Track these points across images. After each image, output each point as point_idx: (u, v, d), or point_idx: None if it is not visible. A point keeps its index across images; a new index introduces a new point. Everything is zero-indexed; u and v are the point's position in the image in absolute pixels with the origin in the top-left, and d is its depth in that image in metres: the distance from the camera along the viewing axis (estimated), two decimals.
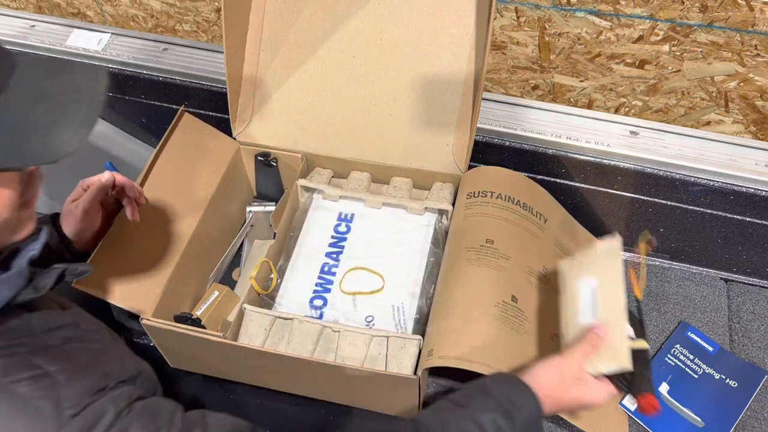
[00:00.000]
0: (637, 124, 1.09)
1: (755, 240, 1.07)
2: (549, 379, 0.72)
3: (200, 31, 1.39)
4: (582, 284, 0.79)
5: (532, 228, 0.99)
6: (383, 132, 1.09)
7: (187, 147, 1.05)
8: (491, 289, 0.88)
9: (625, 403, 0.92)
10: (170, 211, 0.99)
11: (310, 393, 0.97)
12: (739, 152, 1.04)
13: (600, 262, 0.80)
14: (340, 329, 0.93)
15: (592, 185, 1.10)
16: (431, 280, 0.99)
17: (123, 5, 1.39)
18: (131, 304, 0.89)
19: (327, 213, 1.10)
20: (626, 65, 1.11)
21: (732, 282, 1.11)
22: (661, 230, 1.11)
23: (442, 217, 1.08)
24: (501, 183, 1.01)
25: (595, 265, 0.80)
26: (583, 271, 0.81)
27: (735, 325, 1.05)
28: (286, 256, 1.05)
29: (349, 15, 1.06)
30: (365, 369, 0.86)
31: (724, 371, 0.98)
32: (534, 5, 1.08)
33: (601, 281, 0.78)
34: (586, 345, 0.74)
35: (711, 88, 1.09)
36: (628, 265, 0.83)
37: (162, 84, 1.25)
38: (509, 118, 1.11)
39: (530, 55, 1.16)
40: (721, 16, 0.98)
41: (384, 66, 1.06)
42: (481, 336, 0.83)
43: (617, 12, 1.04)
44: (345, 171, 1.13)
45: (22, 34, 1.30)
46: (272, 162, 1.13)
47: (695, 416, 0.93)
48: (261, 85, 1.12)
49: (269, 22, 1.09)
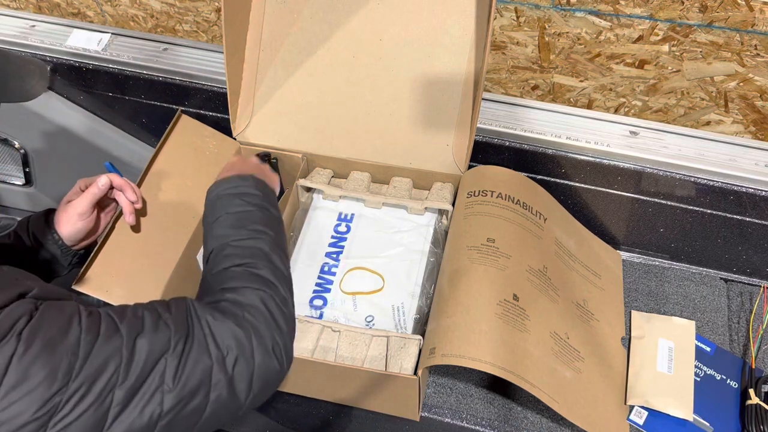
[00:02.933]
0: (637, 124, 1.09)
1: (755, 240, 1.07)
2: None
3: (200, 31, 1.39)
4: (662, 343, 1.00)
5: (532, 227, 0.99)
6: (383, 132, 1.09)
7: (186, 148, 1.05)
8: (493, 288, 0.88)
9: (633, 417, 0.93)
10: (170, 211, 0.99)
11: (310, 393, 0.97)
12: (739, 152, 1.04)
13: (677, 330, 1.01)
14: (340, 329, 0.93)
15: (591, 185, 1.10)
16: (431, 280, 0.99)
17: (123, 5, 1.38)
18: None
19: (327, 213, 1.10)
20: (626, 65, 1.11)
21: (732, 282, 1.11)
22: (661, 230, 1.11)
23: (442, 217, 1.08)
24: (501, 183, 1.01)
25: (672, 332, 1.01)
26: (663, 333, 1.00)
27: (735, 325, 1.05)
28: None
29: (349, 15, 1.06)
30: (365, 369, 0.86)
31: (724, 372, 0.98)
32: (534, 5, 1.08)
33: (676, 345, 0.99)
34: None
35: (711, 88, 1.09)
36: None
37: (162, 84, 1.25)
38: (509, 118, 1.11)
39: (530, 55, 1.16)
40: (720, 16, 0.98)
41: (384, 66, 1.06)
42: (483, 334, 0.84)
43: (617, 12, 1.04)
44: (345, 171, 1.13)
45: (22, 34, 1.30)
46: (272, 162, 1.13)
47: (704, 421, 0.93)
48: (261, 85, 1.12)
49: (269, 22, 1.09)
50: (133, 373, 0.57)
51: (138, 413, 0.57)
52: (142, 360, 0.57)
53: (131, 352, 0.57)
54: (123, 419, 0.56)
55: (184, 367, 0.59)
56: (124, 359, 0.57)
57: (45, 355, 0.53)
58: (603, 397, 0.92)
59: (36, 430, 0.51)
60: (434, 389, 0.98)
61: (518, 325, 0.87)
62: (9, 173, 1.55)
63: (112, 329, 0.58)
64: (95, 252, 0.88)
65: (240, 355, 0.63)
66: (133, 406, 0.56)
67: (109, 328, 0.58)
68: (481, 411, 0.96)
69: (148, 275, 0.93)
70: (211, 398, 0.61)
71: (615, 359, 0.97)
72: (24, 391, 0.51)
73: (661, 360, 0.97)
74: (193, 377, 0.60)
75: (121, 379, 0.56)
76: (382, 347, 0.91)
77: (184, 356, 0.60)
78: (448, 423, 0.96)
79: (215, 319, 0.64)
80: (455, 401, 0.97)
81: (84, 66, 1.27)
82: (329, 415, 0.99)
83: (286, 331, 0.69)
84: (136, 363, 0.57)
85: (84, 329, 0.56)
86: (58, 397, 0.53)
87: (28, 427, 0.51)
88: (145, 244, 0.94)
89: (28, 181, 1.54)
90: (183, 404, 0.59)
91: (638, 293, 1.08)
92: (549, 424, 0.94)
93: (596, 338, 0.97)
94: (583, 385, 0.90)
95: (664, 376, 0.95)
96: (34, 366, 0.52)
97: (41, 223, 0.86)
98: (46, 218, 0.87)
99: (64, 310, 0.57)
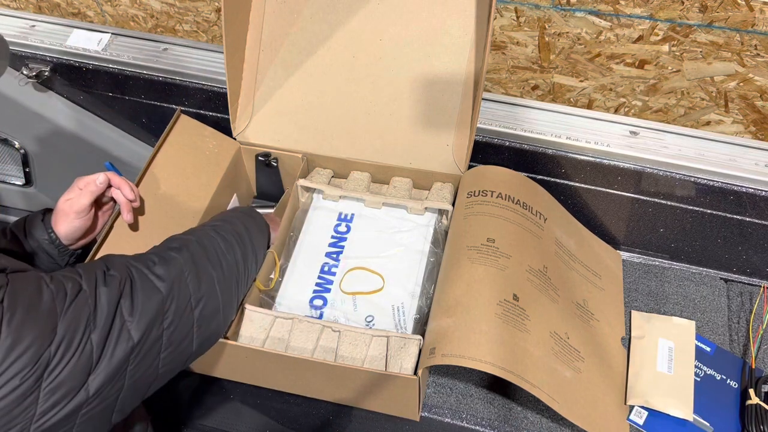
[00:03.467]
0: (637, 124, 1.09)
1: (755, 240, 1.07)
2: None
3: (200, 31, 1.39)
4: (662, 343, 1.00)
5: (532, 227, 0.99)
6: (383, 132, 1.09)
7: (185, 148, 1.05)
8: (493, 288, 0.88)
9: (633, 417, 0.93)
10: (170, 211, 0.99)
11: (310, 393, 0.97)
12: (739, 152, 1.04)
13: (677, 330, 1.01)
14: (340, 329, 0.93)
15: (591, 185, 1.11)
16: (431, 280, 0.99)
17: (123, 5, 1.39)
18: None
19: (327, 213, 1.10)
20: (626, 65, 1.11)
21: (732, 282, 1.11)
22: (661, 230, 1.11)
23: (442, 217, 1.08)
24: (501, 182, 1.01)
25: (672, 332, 1.01)
26: (663, 333, 1.00)
27: (735, 325, 1.05)
28: (286, 256, 1.05)
29: (349, 15, 1.06)
30: (365, 369, 0.86)
31: (724, 372, 0.98)
32: (534, 5, 1.08)
33: (676, 345, 0.99)
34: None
35: (711, 88, 1.09)
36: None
37: (162, 84, 1.25)
38: (509, 118, 1.11)
39: (530, 55, 1.16)
40: (720, 16, 0.99)
41: (384, 66, 1.06)
42: (483, 334, 0.84)
43: (617, 12, 1.04)
44: (345, 171, 1.13)
45: (22, 34, 1.30)
46: (272, 162, 1.13)
47: (704, 421, 0.93)
48: (261, 85, 1.12)
49: (269, 22, 1.09)
50: (100, 318, 0.66)
51: (112, 350, 0.66)
52: (105, 306, 0.67)
53: (96, 301, 0.66)
54: (104, 358, 0.65)
55: (137, 303, 0.70)
56: (91, 308, 0.66)
57: (30, 317, 0.61)
58: (603, 397, 0.92)
59: (35, 382, 0.60)
60: (434, 389, 0.98)
61: (518, 325, 0.87)
62: (9, 173, 1.55)
63: (77, 286, 0.67)
64: (94, 251, 0.88)
65: (176, 287, 0.75)
66: (108, 344, 0.66)
67: (75, 286, 0.66)
68: (481, 411, 0.96)
69: None
70: (165, 325, 0.72)
71: (615, 359, 0.97)
72: (21, 350, 0.59)
73: (661, 360, 0.97)
74: (147, 310, 0.70)
75: (93, 325, 0.65)
76: (382, 347, 0.91)
77: (133, 294, 0.70)
78: (448, 423, 0.96)
79: (151, 263, 0.76)
80: (455, 401, 0.97)
81: (84, 66, 1.27)
82: (329, 415, 0.99)
83: (219, 275, 0.83)
84: (100, 309, 0.66)
85: (54, 290, 0.64)
86: (47, 353, 0.61)
87: (28, 382, 0.59)
88: (143, 243, 0.94)
89: (28, 181, 1.54)
90: (146, 335, 0.69)
91: (638, 293, 1.08)
92: (549, 424, 0.94)
93: (596, 338, 0.97)
94: (583, 385, 0.90)
95: (664, 376, 0.95)
96: (23, 328, 0.60)
97: (38, 223, 0.86)
98: (42, 218, 0.87)
99: (29, 277, 0.65)
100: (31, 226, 0.86)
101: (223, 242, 0.86)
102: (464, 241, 0.95)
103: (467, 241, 0.95)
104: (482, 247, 0.93)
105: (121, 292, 0.69)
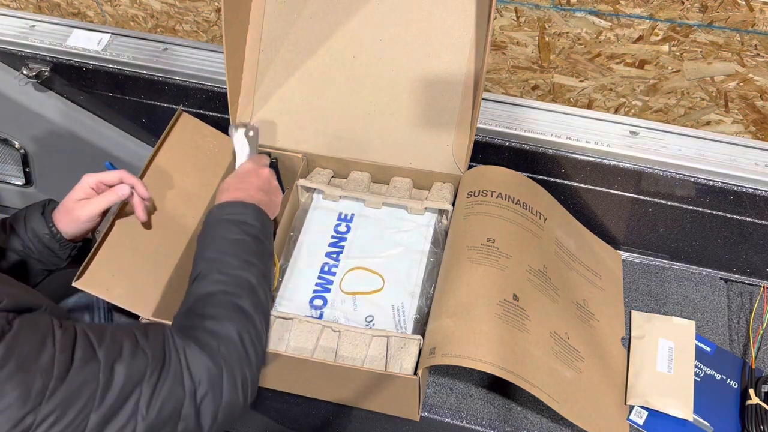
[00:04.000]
0: (637, 124, 1.09)
1: (755, 240, 1.07)
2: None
3: (200, 31, 1.39)
4: (662, 342, 0.99)
5: (532, 227, 0.99)
6: (383, 132, 1.09)
7: (186, 147, 1.05)
8: (493, 288, 0.88)
9: (633, 417, 0.93)
10: (170, 211, 0.99)
11: (310, 393, 0.97)
12: (739, 152, 1.04)
13: (677, 330, 1.01)
14: (340, 329, 0.93)
15: (591, 185, 1.11)
16: (431, 280, 0.99)
17: (123, 5, 1.39)
18: (131, 304, 0.89)
19: (327, 213, 1.10)
20: (626, 65, 1.11)
21: (732, 282, 1.11)
22: (661, 230, 1.11)
23: (442, 217, 1.08)
24: (501, 182, 1.01)
25: (672, 332, 1.01)
26: (663, 333, 1.00)
27: (735, 325, 1.05)
28: (286, 256, 1.05)
29: (349, 15, 1.06)
30: (365, 369, 0.86)
31: (724, 372, 0.98)
32: (534, 5, 1.08)
33: (676, 345, 0.99)
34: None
35: (711, 88, 1.09)
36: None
37: (162, 84, 1.25)
38: (509, 118, 1.11)
39: (530, 55, 1.16)
40: (720, 16, 0.99)
41: (384, 66, 1.06)
42: (483, 334, 0.84)
43: (617, 12, 1.04)
44: (345, 171, 1.13)
45: (22, 34, 1.30)
46: (272, 162, 1.13)
47: (704, 421, 0.93)
48: (261, 85, 1.12)
49: (269, 22, 1.09)
50: (109, 399, 0.57)
51: None
52: (118, 387, 0.58)
53: (108, 378, 0.57)
54: None
55: (159, 396, 0.60)
56: (101, 385, 0.57)
57: (19, 374, 0.53)
58: (603, 397, 0.92)
59: None
60: (434, 389, 0.98)
61: (518, 325, 0.87)
62: (9, 173, 1.55)
63: (90, 353, 0.58)
64: (95, 250, 0.88)
65: (210, 390, 0.65)
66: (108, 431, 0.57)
67: (87, 351, 0.58)
68: (481, 411, 0.96)
69: (147, 274, 0.93)
70: (179, 429, 0.62)
71: (615, 359, 0.97)
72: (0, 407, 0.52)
73: (661, 360, 0.97)
74: (166, 407, 0.61)
75: (97, 404, 0.56)
76: (382, 347, 0.91)
77: (159, 386, 0.60)
78: (448, 423, 0.96)
79: (191, 351, 0.65)
80: (455, 401, 0.97)
81: (84, 66, 1.27)
82: (329, 415, 0.99)
83: (255, 366, 0.72)
84: (112, 389, 0.57)
85: (58, 349, 0.56)
86: (30, 418, 0.53)
87: None
88: (144, 242, 0.94)
89: (28, 181, 1.54)
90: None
91: (638, 293, 1.08)
92: (549, 424, 0.94)
93: (596, 338, 0.97)
94: (583, 385, 0.90)
95: (664, 376, 0.95)
96: (7, 385, 0.52)
97: (38, 218, 0.86)
98: (42, 211, 0.87)
99: (38, 326, 0.57)
100: (32, 221, 0.86)
101: (261, 324, 0.77)
102: (464, 241, 0.95)
103: (467, 241, 0.95)
104: (482, 247, 0.93)
105: (145, 377, 0.60)
